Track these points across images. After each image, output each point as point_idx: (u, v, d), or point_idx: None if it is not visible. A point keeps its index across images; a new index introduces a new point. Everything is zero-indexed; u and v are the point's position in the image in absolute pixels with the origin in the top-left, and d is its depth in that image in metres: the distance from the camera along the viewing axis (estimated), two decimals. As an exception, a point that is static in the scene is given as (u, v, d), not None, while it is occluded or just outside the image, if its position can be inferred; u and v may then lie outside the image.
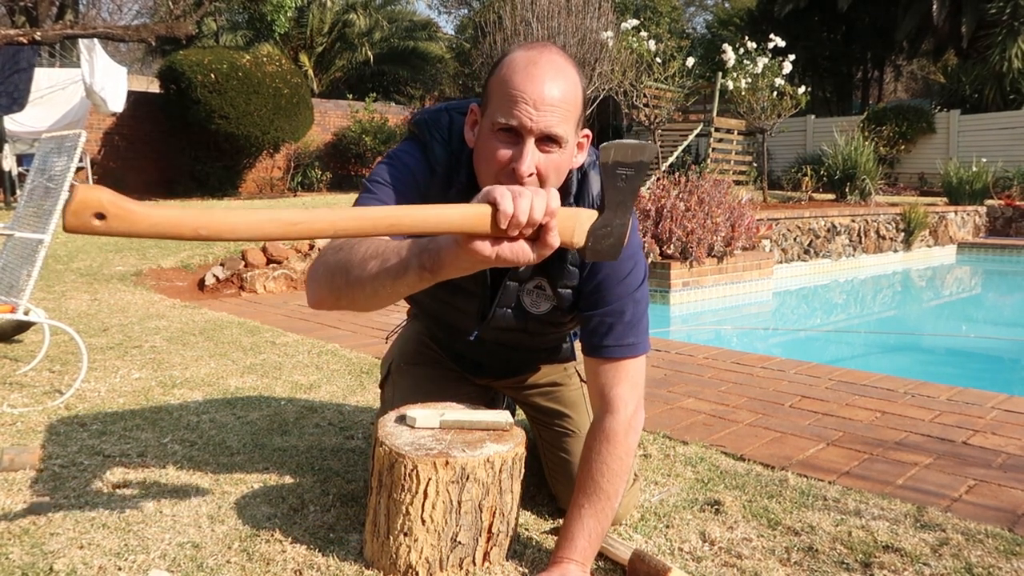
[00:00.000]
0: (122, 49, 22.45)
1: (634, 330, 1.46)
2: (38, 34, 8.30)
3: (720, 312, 6.26)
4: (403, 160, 1.45)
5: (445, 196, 1.42)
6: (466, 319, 1.60)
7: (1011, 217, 11.59)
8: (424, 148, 1.46)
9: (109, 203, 0.87)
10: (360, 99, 14.70)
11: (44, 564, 1.43)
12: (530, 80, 1.28)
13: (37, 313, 2.78)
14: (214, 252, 5.67)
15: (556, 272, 1.49)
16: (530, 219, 1.02)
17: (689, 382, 2.91)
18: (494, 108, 1.31)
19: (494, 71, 1.34)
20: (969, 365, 5.13)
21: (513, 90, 1.28)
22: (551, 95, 1.28)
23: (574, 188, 1.44)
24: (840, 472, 1.99)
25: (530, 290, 1.53)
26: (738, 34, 16.46)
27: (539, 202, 1.03)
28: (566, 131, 1.30)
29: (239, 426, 2.29)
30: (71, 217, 0.86)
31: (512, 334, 1.60)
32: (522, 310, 1.54)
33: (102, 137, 11.55)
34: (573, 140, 1.35)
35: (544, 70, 1.29)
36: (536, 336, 1.62)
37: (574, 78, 1.32)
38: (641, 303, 1.48)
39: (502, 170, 1.30)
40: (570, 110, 1.30)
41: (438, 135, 1.45)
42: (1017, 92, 16.07)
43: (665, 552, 1.54)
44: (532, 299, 1.54)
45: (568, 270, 1.48)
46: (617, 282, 1.45)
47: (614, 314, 1.45)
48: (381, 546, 1.41)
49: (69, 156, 2.78)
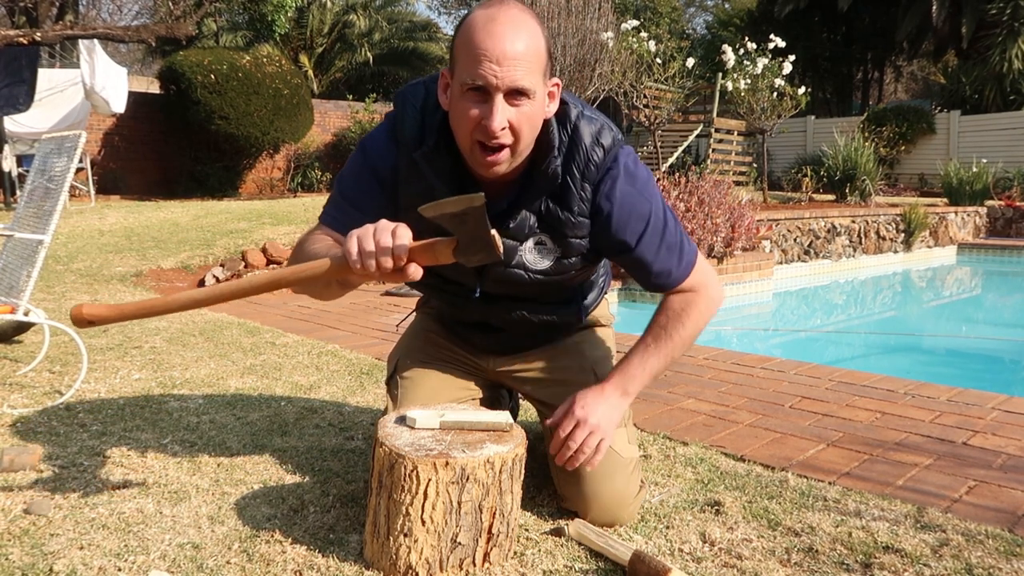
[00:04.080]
0: (122, 50, 22.45)
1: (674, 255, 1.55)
2: (38, 35, 8.30)
3: (720, 313, 6.22)
4: (367, 156, 1.54)
5: (412, 161, 1.48)
6: (466, 275, 1.61)
7: (1011, 218, 11.58)
8: (394, 125, 1.51)
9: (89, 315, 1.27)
10: (360, 100, 14.69)
11: (44, 565, 1.43)
12: (491, 37, 1.30)
13: (37, 314, 2.77)
14: (214, 253, 5.67)
15: (560, 226, 1.51)
16: (379, 265, 1.19)
17: (689, 383, 2.91)
18: (460, 69, 1.34)
19: (457, 33, 1.37)
20: (969, 366, 5.13)
21: (476, 49, 1.31)
22: (513, 49, 1.30)
23: (559, 141, 1.45)
24: (840, 473, 1.99)
25: (531, 248, 1.54)
26: (738, 35, 16.46)
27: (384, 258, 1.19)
28: (533, 83, 1.33)
29: (239, 427, 2.29)
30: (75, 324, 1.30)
31: (517, 287, 1.60)
32: (524, 266, 1.56)
33: (102, 138, 11.54)
34: (543, 90, 1.37)
35: (503, 27, 1.31)
36: (543, 286, 1.61)
37: (535, 29, 1.34)
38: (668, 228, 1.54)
39: (475, 128, 1.35)
40: (534, 61, 1.32)
41: (411, 105, 1.49)
42: (1017, 93, 16.07)
43: (665, 553, 1.54)
44: (534, 256, 1.55)
45: (576, 222, 1.51)
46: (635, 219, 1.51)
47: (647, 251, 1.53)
48: (381, 547, 1.41)
49: (69, 157, 2.78)
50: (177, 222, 7.04)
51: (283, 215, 6.97)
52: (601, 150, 1.47)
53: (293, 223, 6.41)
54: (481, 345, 1.80)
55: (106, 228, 6.79)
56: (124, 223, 7.05)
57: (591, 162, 1.47)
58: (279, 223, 6.48)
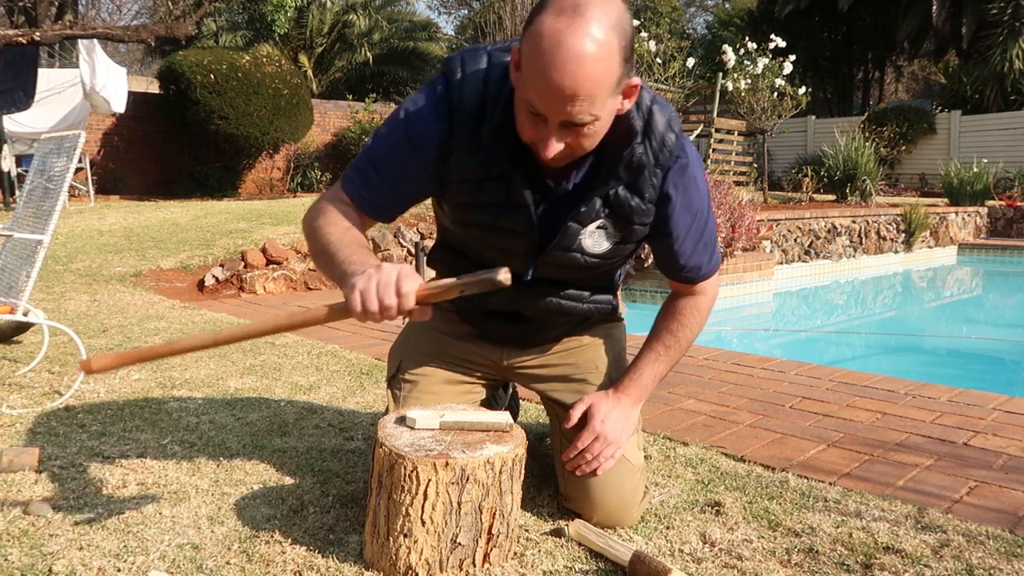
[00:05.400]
0: (121, 50, 22.47)
1: (707, 252, 1.59)
2: (37, 34, 8.29)
3: (720, 313, 6.25)
4: (409, 127, 1.45)
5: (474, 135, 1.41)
6: (515, 259, 1.54)
7: (1012, 218, 11.59)
8: (441, 96, 1.42)
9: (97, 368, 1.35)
10: (360, 100, 14.69)
11: (43, 565, 1.43)
12: (554, 70, 1.22)
13: (36, 314, 2.77)
14: (213, 253, 5.67)
15: (629, 213, 1.48)
16: (384, 319, 1.21)
17: (689, 383, 2.90)
18: (524, 79, 1.28)
19: (528, 27, 1.28)
20: (970, 366, 5.13)
21: (537, 77, 1.24)
22: (575, 87, 1.23)
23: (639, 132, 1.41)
24: (841, 473, 1.99)
25: (592, 231, 1.50)
26: (738, 35, 16.47)
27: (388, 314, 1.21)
28: (595, 112, 1.27)
29: (239, 427, 2.28)
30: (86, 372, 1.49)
31: (568, 271, 1.57)
32: (582, 250, 1.52)
33: (101, 138, 11.53)
34: (612, 107, 1.32)
35: (566, 58, 1.21)
36: (594, 270, 1.59)
37: (607, 49, 1.23)
38: (709, 225, 1.57)
39: (531, 142, 1.34)
40: (597, 91, 1.25)
41: (473, 75, 1.41)
42: (1018, 93, 16.08)
43: (665, 553, 1.54)
44: (594, 240, 1.51)
45: (645, 208, 1.48)
46: (691, 210, 1.52)
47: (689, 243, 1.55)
48: (381, 547, 1.41)
49: (68, 157, 2.78)
50: (177, 222, 7.04)
51: (283, 215, 6.96)
52: (674, 135, 1.44)
53: (293, 223, 6.41)
54: (500, 336, 1.72)
55: (105, 228, 6.78)
56: (123, 223, 7.05)
57: (665, 146, 1.43)
58: (279, 223, 6.48)
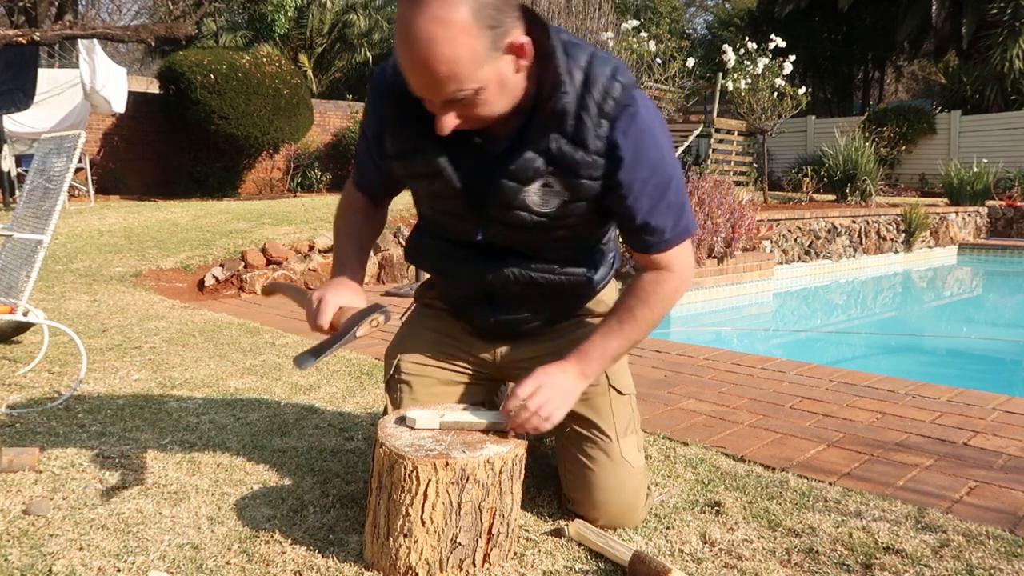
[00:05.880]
0: (121, 50, 22.46)
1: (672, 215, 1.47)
2: (37, 34, 8.29)
3: (720, 313, 6.25)
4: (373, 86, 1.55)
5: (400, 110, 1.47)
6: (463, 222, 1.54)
7: (1012, 218, 11.58)
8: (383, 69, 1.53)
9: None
10: (360, 100, 14.68)
11: (43, 566, 1.43)
12: (410, 59, 1.25)
13: (36, 314, 2.77)
14: (213, 253, 5.67)
15: (574, 167, 1.43)
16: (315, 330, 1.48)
17: (689, 383, 2.90)
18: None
19: None
20: (970, 366, 5.13)
21: (403, 65, 1.28)
22: (433, 78, 1.25)
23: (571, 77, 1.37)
24: (841, 473, 1.99)
25: (536, 189, 1.45)
26: (738, 35, 16.47)
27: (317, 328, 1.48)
28: (469, 86, 1.27)
29: (239, 427, 2.28)
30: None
31: (520, 232, 1.51)
32: (527, 207, 1.47)
33: (101, 138, 11.53)
34: (491, 74, 1.28)
35: (418, 46, 1.23)
36: (547, 233, 1.52)
37: (454, 29, 1.21)
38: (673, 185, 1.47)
39: None
40: (458, 69, 1.24)
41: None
42: (1018, 93, 16.08)
43: (665, 553, 1.54)
44: (540, 198, 1.46)
45: (591, 160, 1.42)
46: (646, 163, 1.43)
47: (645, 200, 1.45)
48: (381, 547, 1.41)
49: (68, 157, 2.78)
50: (176, 222, 7.04)
51: (283, 215, 6.96)
52: (620, 85, 1.39)
53: (293, 223, 6.41)
54: (487, 329, 1.70)
55: (105, 228, 6.78)
56: (123, 223, 7.05)
57: (610, 95, 1.38)
58: (279, 223, 6.48)
